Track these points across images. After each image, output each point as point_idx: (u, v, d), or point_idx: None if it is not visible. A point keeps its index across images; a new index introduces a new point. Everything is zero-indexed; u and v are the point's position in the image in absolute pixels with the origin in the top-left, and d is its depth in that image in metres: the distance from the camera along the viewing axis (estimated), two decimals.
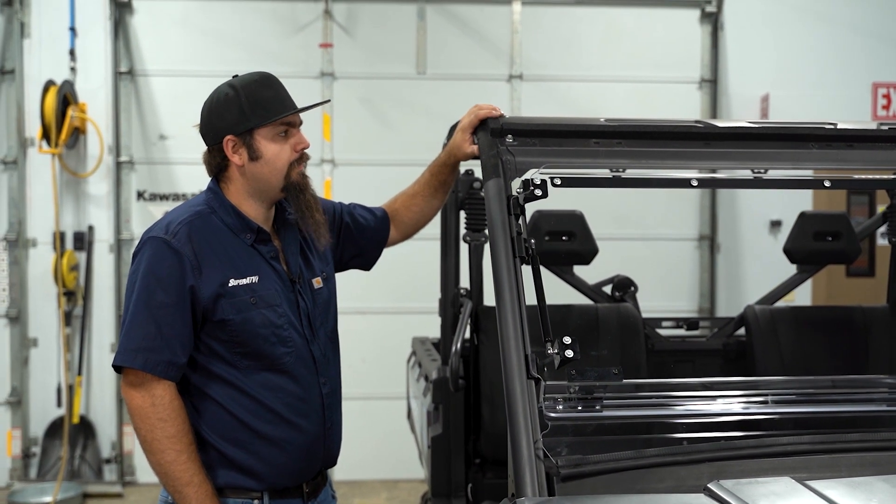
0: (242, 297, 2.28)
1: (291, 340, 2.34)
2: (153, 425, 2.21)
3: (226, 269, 2.29)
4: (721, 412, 2.28)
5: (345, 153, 6.44)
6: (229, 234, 2.33)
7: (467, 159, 2.66)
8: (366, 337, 6.51)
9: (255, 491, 2.32)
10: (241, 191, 2.37)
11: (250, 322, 2.28)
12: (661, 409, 2.28)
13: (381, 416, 6.44)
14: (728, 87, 6.67)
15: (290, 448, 2.33)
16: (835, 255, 3.71)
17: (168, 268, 2.24)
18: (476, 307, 3.37)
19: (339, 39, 6.45)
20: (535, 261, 2.17)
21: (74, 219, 6.29)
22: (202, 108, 2.39)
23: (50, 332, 6.25)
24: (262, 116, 2.31)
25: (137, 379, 2.23)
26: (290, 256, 2.43)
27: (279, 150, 2.34)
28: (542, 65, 6.57)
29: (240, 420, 2.28)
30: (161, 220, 2.35)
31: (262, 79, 2.37)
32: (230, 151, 2.32)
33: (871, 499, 1.82)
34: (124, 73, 6.33)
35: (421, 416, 3.70)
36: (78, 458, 6.20)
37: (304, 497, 2.39)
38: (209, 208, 2.35)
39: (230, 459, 2.29)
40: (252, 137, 2.31)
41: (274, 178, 2.35)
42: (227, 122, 2.31)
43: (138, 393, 2.23)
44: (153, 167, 6.39)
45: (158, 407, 2.22)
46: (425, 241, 6.28)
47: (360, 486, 6.38)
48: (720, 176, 2.65)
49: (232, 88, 2.34)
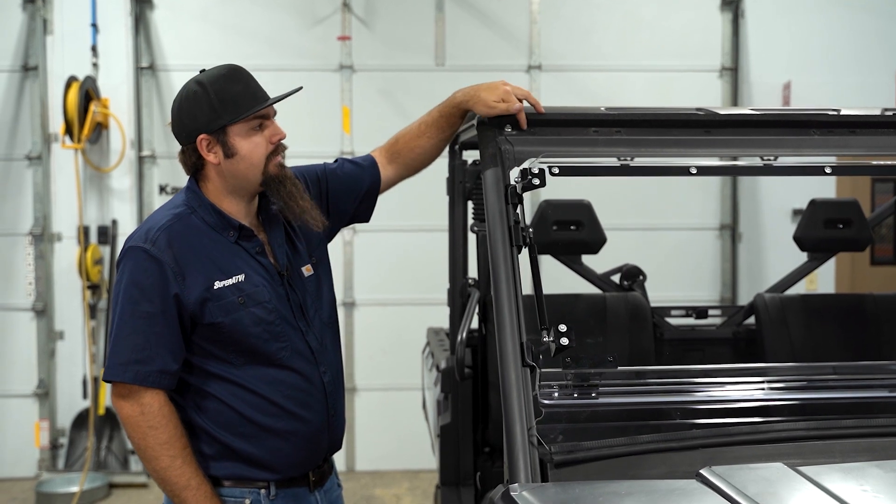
0: (230, 299, 2.26)
1: (285, 335, 2.33)
2: (145, 433, 2.23)
3: (210, 271, 2.27)
4: (719, 399, 2.28)
5: (365, 146, 6.41)
6: (212, 234, 2.31)
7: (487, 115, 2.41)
8: (386, 329, 6.55)
9: (262, 481, 2.33)
10: (219, 188, 2.34)
11: (240, 322, 2.27)
12: (658, 396, 2.28)
13: (402, 407, 6.47)
14: (749, 76, 6.61)
15: (296, 439, 2.33)
16: (846, 243, 3.67)
17: (150, 277, 2.23)
18: (484, 297, 3.38)
19: (358, 32, 6.47)
20: (532, 249, 2.18)
21: (98, 213, 6.38)
22: (172, 107, 2.35)
23: (75, 325, 6.35)
24: (233, 112, 2.26)
25: (125, 389, 2.24)
26: (276, 248, 2.40)
27: (254, 146, 2.30)
28: (561, 55, 6.56)
29: (243, 415, 2.29)
30: (141, 226, 2.33)
31: (230, 72, 2.32)
32: (205, 150, 2.28)
33: (863, 484, 1.81)
34: (145, 68, 6.40)
35: (432, 406, 3.73)
36: (104, 448, 6.30)
37: (310, 486, 2.40)
38: (189, 208, 2.33)
39: (236, 451, 2.30)
40: (226, 135, 2.27)
41: (251, 173, 2.32)
42: (198, 122, 2.27)
43: (127, 403, 2.24)
44: (175, 161, 6.29)
45: (148, 415, 2.23)
46: (443, 232, 6.35)
47: (381, 477, 6.42)
48: (719, 163, 2.64)
49: (199, 85, 2.29)
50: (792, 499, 1.76)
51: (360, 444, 6.56)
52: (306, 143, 5.71)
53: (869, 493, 1.77)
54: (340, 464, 6.48)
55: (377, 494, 6.10)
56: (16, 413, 6.33)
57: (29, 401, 6.32)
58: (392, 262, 6.51)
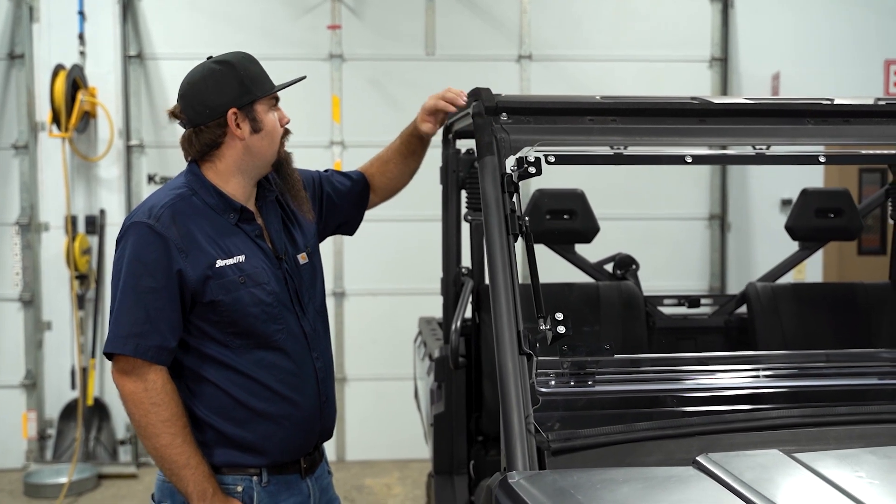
0: (231, 277, 2.28)
1: (282, 317, 2.35)
2: (147, 410, 2.23)
3: (212, 250, 2.29)
4: (713, 386, 2.29)
5: (354, 135, 6.45)
6: (212, 215, 2.34)
7: (424, 135, 2.70)
8: (377, 318, 6.55)
9: (254, 468, 2.34)
10: (229, 168, 2.36)
11: (240, 301, 2.29)
12: (653, 384, 2.29)
13: (393, 396, 6.48)
14: (739, 66, 6.63)
15: (288, 423, 2.35)
16: (837, 232, 3.69)
17: (153, 252, 2.24)
18: (477, 286, 3.39)
19: (348, 21, 6.45)
20: (528, 238, 2.19)
21: (86, 202, 6.34)
22: (187, 90, 2.36)
23: (63, 316, 6.31)
24: (261, 89, 2.35)
25: (128, 365, 2.24)
26: (273, 234, 2.44)
27: (275, 122, 2.39)
28: (551, 45, 6.55)
29: (236, 399, 2.30)
30: (142, 204, 2.34)
31: (248, 56, 2.41)
32: (233, 125, 2.32)
33: (858, 470, 1.83)
34: (133, 56, 6.36)
35: (425, 395, 3.73)
36: (93, 439, 6.27)
37: (301, 472, 2.42)
38: (190, 190, 2.35)
39: (229, 438, 2.31)
40: (254, 110, 2.34)
41: (271, 151, 2.38)
42: (228, 97, 2.31)
43: (130, 379, 2.24)
44: (163, 150, 6.43)
45: (151, 392, 2.23)
46: (435, 222, 6.34)
47: (371, 466, 6.43)
48: (714, 152, 2.65)
49: (222, 65, 2.35)
50: (789, 485, 1.77)
51: (351, 434, 6.56)
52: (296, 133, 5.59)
53: (864, 479, 1.79)
54: (331, 453, 6.48)
55: (367, 484, 6.11)
56: (3, 404, 6.29)
57: (16, 392, 6.29)
58: (382, 251, 6.50)
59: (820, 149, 2.54)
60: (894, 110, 2.46)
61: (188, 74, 2.39)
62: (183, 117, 2.37)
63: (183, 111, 2.37)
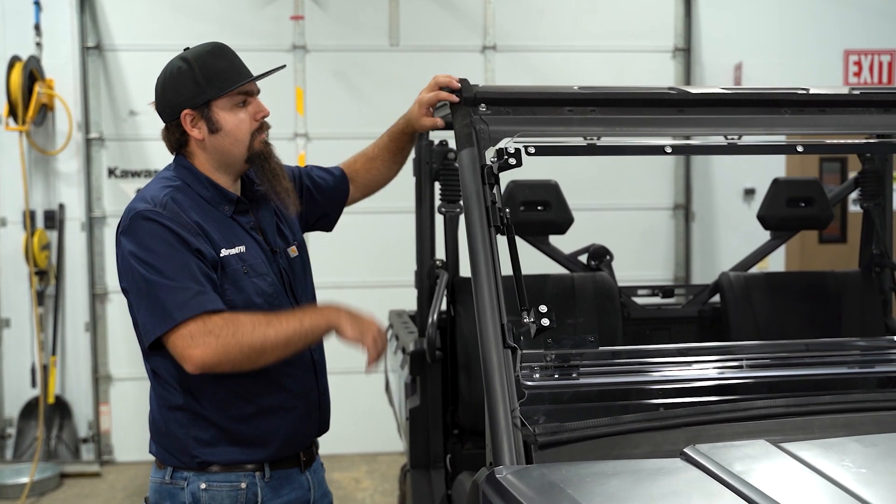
0: (235, 267, 2.27)
1: (283, 308, 2.32)
2: (238, 346, 2.11)
3: (216, 239, 2.26)
4: (697, 377, 2.29)
5: (318, 127, 6.38)
6: (208, 207, 2.31)
7: (425, 130, 2.68)
8: None
9: (257, 463, 2.31)
10: (204, 165, 2.34)
11: (245, 291, 2.26)
12: (638, 376, 2.29)
13: (361, 390, 6.42)
14: (701, 57, 6.67)
15: (290, 416, 2.34)
16: (808, 221, 3.73)
17: (169, 237, 2.18)
18: (452, 278, 3.36)
19: (311, 12, 6.37)
20: (510, 230, 2.16)
21: (44, 197, 6.21)
22: (156, 85, 2.35)
23: (22, 313, 6.18)
24: (218, 87, 2.28)
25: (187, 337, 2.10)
26: (266, 227, 2.41)
27: (239, 121, 2.32)
28: (515, 35, 6.53)
29: (238, 394, 2.26)
30: (139, 197, 2.28)
31: (215, 49, 2.34)
32: (189, 126, 2.30)
33: (843, 459, 1.84)
34: (92, 47, 6.23)
35: (399, 389, 3.70)
36: (54, 438, 6.16)
37: (301, 466, 2.41)
38: (183, 183, 2.32)
39: (233, 434, 2.27)
40: (210, 110, 2.29)
41: (237, 149, 2.32)
42: (182, 97, 2.28)
43: (197, 343, 2.10)
44: (124, 144, 6.31)
45: (222, 328, 2.11)
46: (400, 214, 6.30)
47: (339, 460, 6.38)
48: (694, 142, 2.65)
49: (184, 62, 2.30)
50: (777, 475, 1.77)
51: None
52: None
53: (852, 468, 1.79)
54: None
55: (336, 478, 6.07)
56: None
57: None
58: (347, 244, 6.44)
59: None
60: (869, 100, 2.48)
61: (162, 69, 2.36)
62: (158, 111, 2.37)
63: (156, 106, 2.37)
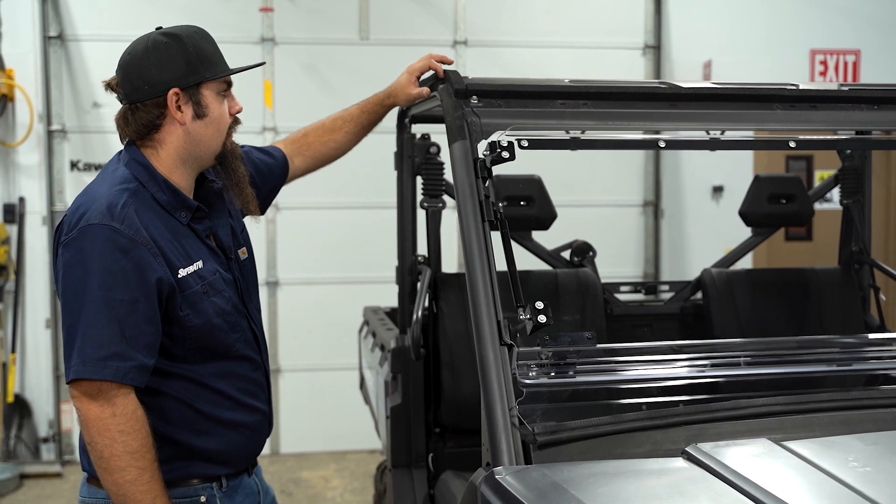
0: (194, 288, 2.08)
1: (239, 325, 2.20)
2: (113, 439, 1.96)
3: (176, 255, 2.07)
4: (695, 375, 2.27)
5: (287, 121, 6.29)
6: (163, 214, 2.09)
7: (409, 102, 2.63)
8: (312, 308, 6.42)
9: (216, 478, 2.20)
10: (171, 156, 2.12)
11: (204, 313, 2.09)
12: (634, 374, 2.26)
13: (329, 387, 6.37)
14: (671, 54, 6.69)
15: (249, 430, 2.24)
16: (789, 218, 3.74)
17: (124, 260, 1.98)
18: (435, 275, 3.31)
19: (280, 4, 6.28)
20: (503, 225, 2.12)
21: (4, 190, 6.05)
22: (125, 62, 2.11)
23: None
24: (211, 70, 2.10)
25: (94, 388, 1.96)
26: (220, 230, 2.23)
27: (223, 111, 2.16)
28: (486, 30, 6.50)
29: (199, 411, 2.15)
30: (91, 201, 2.04)
31: (201, 31, 2.16)
32: (173, 107, 2.08)
33: (846, 457, 1.82)
34: (54, 37, 6.07)
35: (377, 387, 3.64)
36: (14, 438, 6.01)
37: (248, 471, 2.33)
38: (138, 183, 2.09)
39: (194, 449, 2.16)
40: (199, 93, 2.10)
41: (215, 141, 2.16)
42: (171, 74, 2.07)
43: (96, 403, 1.96)
44: (87, 136, 6.16)
45: (120, 418, 1.96)
46: (372, 209, 6.24)
47: (307, 459, 6.31)
48: (685, 137, 2.63)
49: (172, 38, 2.10)
50: (781, 474, 1.75)
51: (285, 427, 6.42)
52: None
53: (856, 466, 1.77)
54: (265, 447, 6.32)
55: (304, 477, 5.99)
56: None
57: None
58: (316, 240, 6.37)
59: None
60: (859, 96, 2.48)
61: (131, 44, 2.13)
62: (119, 91, 2.12)
63: (120, 84, 2.11)
